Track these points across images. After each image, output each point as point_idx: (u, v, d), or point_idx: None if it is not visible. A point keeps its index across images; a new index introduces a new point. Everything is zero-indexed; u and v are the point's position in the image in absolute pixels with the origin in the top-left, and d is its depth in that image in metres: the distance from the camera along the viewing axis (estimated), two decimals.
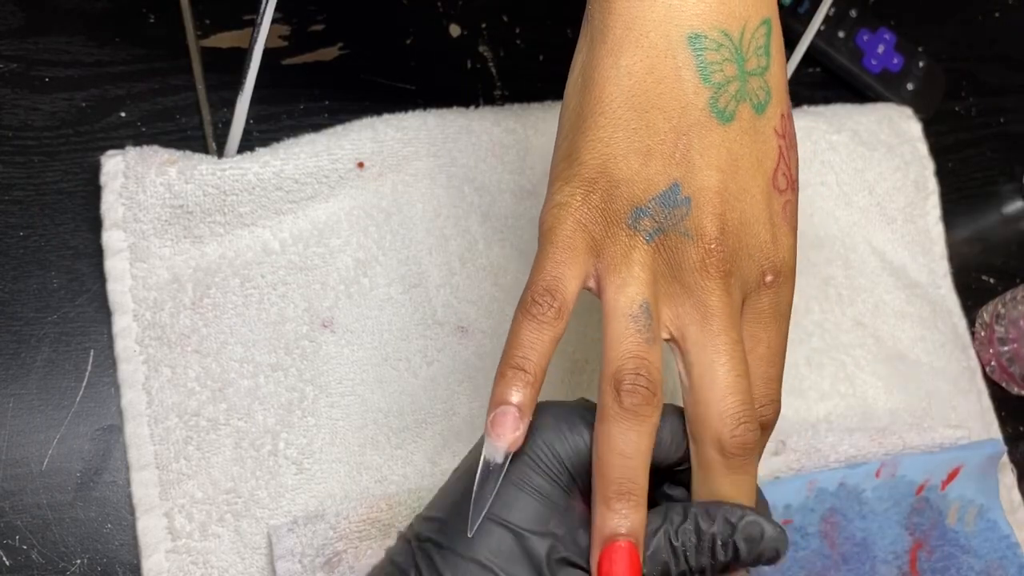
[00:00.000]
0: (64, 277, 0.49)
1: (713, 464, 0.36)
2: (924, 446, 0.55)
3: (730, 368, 0.36)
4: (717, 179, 0.36)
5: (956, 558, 0.54)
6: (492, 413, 0.35)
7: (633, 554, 0.35)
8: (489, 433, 0.35)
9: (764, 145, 0.37)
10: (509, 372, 0.35)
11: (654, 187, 0.36)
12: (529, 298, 0.36)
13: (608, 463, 0.35)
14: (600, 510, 0.35)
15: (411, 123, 0.55)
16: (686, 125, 0.36)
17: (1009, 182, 0.70)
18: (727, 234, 0.36)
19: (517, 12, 0.61)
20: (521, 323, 0.36)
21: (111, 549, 0.46)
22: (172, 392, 0.48)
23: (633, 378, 0.35)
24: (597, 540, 0.35)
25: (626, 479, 0.35)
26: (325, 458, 0.49)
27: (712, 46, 0.36)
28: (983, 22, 0.74)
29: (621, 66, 0.36)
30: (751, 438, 0.35)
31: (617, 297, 0.36)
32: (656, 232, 0.36)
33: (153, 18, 0.55)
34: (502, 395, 0.35)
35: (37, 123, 0.51)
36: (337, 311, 0.51)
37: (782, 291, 0.38)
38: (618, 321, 0.36)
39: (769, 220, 0.37)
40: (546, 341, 0.36)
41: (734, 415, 0.35)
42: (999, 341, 0.61)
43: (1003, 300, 0.62)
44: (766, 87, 0.37)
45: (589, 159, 0.36)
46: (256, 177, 0.51)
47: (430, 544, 0.35)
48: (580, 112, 0.37)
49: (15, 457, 0.46)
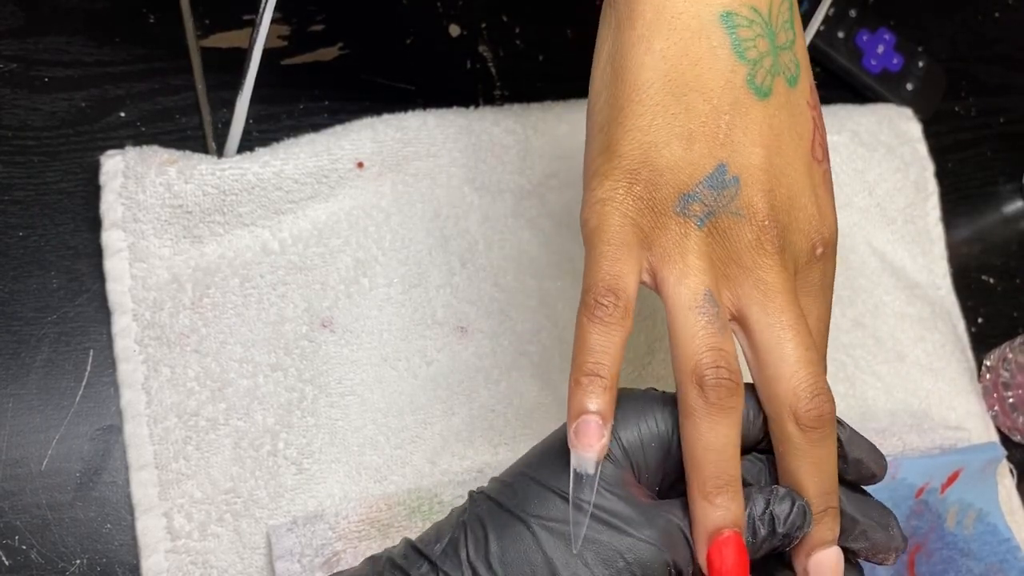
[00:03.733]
0: (64, 277, 0.49)
1: (792, 440, 0.35)
2: (924, 447, 0.55)
3: (798, 343, 0.35)
4: (762, 155, 0.36)
5: (955, 561, 0.54)
6: (574, 424, 0.34)
7: (740, 544, 0.34)
8: (575, 445, 0.34)
9: (800, 117, 0.37)
10: (584, 379, 0.34)
11: (700, 170, 0.35)
12: (592, 300, 0.35)
13: (703, 459, 0.35)
14: (700, 505, 0.35)
15: (411, 123, 0.55)
16: (726, 104, 0.35)
17: (1009, 182, 0.70)
18: (777, 210, 0.36)
19: (517, 12, 0.61)
20: (588, 328, 0.35)
21: (111, 549, 0.46)
22: (171, 392, 0.48)
23: (715, 371, 0.34)
24: (702, 535, 0.35)
25: (722, 472, 0.34)
26: (324, 458, 0.49)
27: (744, 23, 0.36)
28: (983, 22, 0.74)
29: (655, 51, 0.36)
30: (827, 409, 0.35)
31: (679, 290, 0.35)
32: (707, 216, 0.35)
33: (153, 18, 0.55)
34: (581, 404, 0.34)
35: (37, 123, 0.51)
36: (337, 311, 0.51)
37: (829, 262, 0.38)
38: (685, 315, 0.35)
39: (813, 192, 0.37)
40: (616, 343, 0.35)
41: (808, 387, 0.35)
42: (1003, 386, 0.61)
43: (1011, 345, 0.62)
44: (795, 60, 0.37)
45: (629, 150, 0.36)
46: (256, 177, 0.51)
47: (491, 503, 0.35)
48: (613, 103, 0.36)
49: (15, 457, 0.46)
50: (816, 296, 0.38)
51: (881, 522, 0.38)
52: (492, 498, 0.36)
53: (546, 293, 0.54)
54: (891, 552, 0.38)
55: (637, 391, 0.37)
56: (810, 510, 0.36)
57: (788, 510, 0.35)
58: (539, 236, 0.55)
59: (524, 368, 0.53)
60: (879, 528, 0.38)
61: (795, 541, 0.36)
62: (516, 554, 0.34)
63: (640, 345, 0.55)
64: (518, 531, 0.34)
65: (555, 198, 0.56)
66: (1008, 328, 0.66)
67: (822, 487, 0.36)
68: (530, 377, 0.53)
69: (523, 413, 0.52)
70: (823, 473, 0.36)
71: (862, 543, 0.37)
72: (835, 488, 0.36)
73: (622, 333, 0.35)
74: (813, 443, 0.35)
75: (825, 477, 0.36)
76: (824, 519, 0.36)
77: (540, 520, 0.34)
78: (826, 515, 0.36)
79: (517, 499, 0.35)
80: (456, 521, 0.36)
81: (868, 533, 0.37)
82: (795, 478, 0.36)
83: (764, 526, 0.35)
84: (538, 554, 0.34)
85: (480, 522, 0.35)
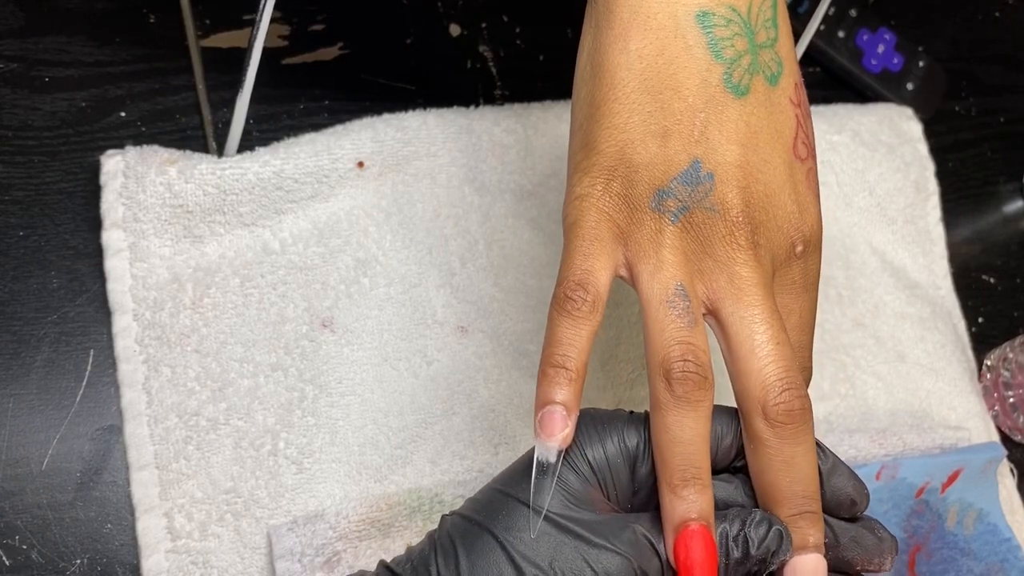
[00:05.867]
0: (64, 277, 0.49)
1: (761, 437, 0.35)
2: (924, 447, 0.55)
3: (769, 336, 0.35)
4: (737, 152, 0.36)
5: (955, 561, 0.54)
6: (539, 413, 0.35)
7: (707, 536, 0.34)
8: (539, 433, 0.35)
9: (781, 116, 0.37)
10: (551, 371, 0.35)
11: (675, 167, 0.36)
12: (562, 294, 0.36)
13: (669, 451, 0.35)
14: (668, 498, 0.35)
15: (411, 123, 0.55)
16: (701, 102, 0.36)
17: (1009, 182, 0.70)
18: (752, 206, 0.36)
19: (517, 12, 0.61)
20: (557, 320, 0.36)
21: (111, 549, 0.46)
22: (172, 392, 0.48)
23: (681, 365, 0.35)
24: (669, 528, 0.35)
25: (689, 464, 0.35)
26: (325, 458, 0.49)
27: (721, 22, 0.36)
28: (983, 22, 0.74)
29: (631, 50, 0.36)
30: (797, 404, 0.35)
31: (652, 284, 0.36)
32: (681, 211, 0.36)
33: (153, 18, 0.55)
34: (547, 395, 0.35)
35: (37, 123, 0.51)
36: (337, 311, 0.51)
37: (811, 260, 0.38)
38: (657, 308, 0.35)
39: (793, 190, 0.37)
40: (584, 336, 0.35)
41: (777, 381, 0.35)
42: (1004, 386, 0.61)
43: (1012, 344, 0.61)
44: (777, 58, 0.37)
45: (606, 147, 0.36)
46: (256, 177, 0.51)
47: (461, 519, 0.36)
48: (592, 101, 0.37)
49: (15, 457, 0.46)
50: (798, 294, 0.38)
51: (867, 527, 0.37)
52: (462, 515, 0.36)
53: (546, 293, 0.54)
54: (885, 555, 0.37)
55: (603, 410, 0.37)
56: (788, 534, 0.35)
57: (764, 534, 0.35)
58: (539, 236, 0.55)
59: (524, 368, 0.53)
60: (868, 533, 0.37)
61: (771, 566, 0.35)
62: (485, 566, 0.34)
63: (640, 345, 0.55)
64: (487, 544, 0.34)
65: (555, 198, 0.56)
66: (1008, 328, 0.66)
67: (795, 488, 0.35)
68: (530, 377, 0.53)
69: (523, 413, 0.52)
70: (796, 472, 0.35)
71: (854, 551, 0.37)
72: (813, 492, 0.36)
73: (589, 327, 0.35)
74: (783, 440, 0.35)
75: (799, 477, 0.35)
76: (799, 523, 0.35)
77: (508, 532, 0.34)
78: (801, 519, 0.35)
79: (485, 513, 0.35)
80: (428, 540, 0.36)
81: (858, 539, 0.37)
82: (766, 478, 0.35)
83: (738, 548, 0.35)
84: (508, 566, 0.34)
85: (450, 538, 0.35)
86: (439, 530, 0.36)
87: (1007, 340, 0.62)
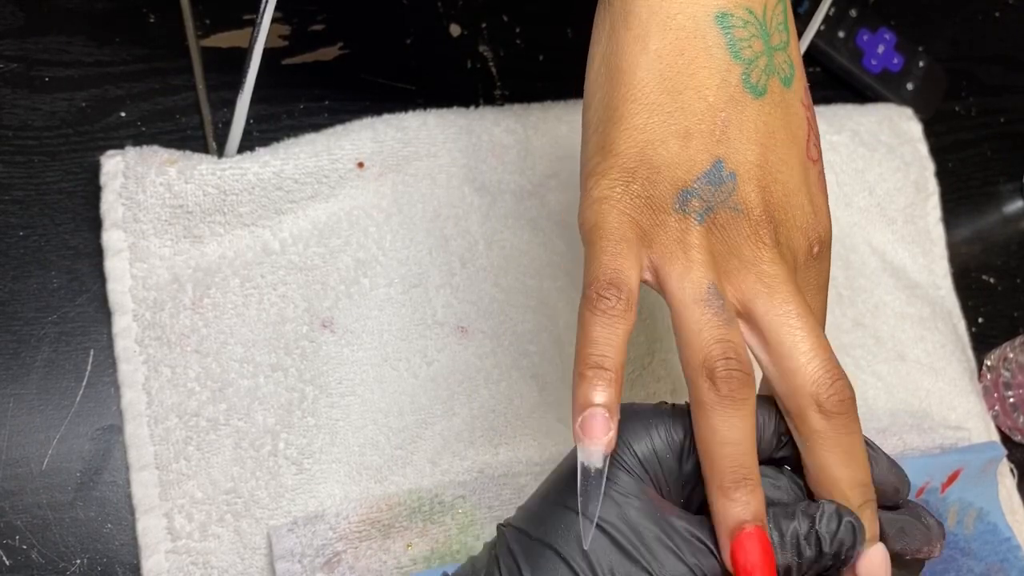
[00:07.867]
0: (64, 277, 0.49)
1: (819, 431, 0.35)
2: (924, 447, 0.55)
3: (807, 332, 0.35)
4: (758, 152, 0.36)
5: (955, 560, 0.54)
6: (580, 417, 0.34)
7: (763, 537, 0.34)
8: (581, 439, 0.34)
9: (795, 117, 0.37)
10: (589, 372, 0.34)
11: (697, 167, 0.35)
12: (594, 294, 0.34)
13: (719, 454, 0.34)
14: (720, 502, 0.34)
15: (411, 123, 0.55)
16: (722, 102, 0.36)
17: (1009, 182, 0.70)
18: (773, 206, 0.36)
19: (517, 12, 0.61)
20: (590, 320, 0.34)
21: (111, 549, 0.46)
22: (172, 392, 0.48)
23: (725, 363, 0.34)
24: (723, 532, 0.34)
25: (739, 466, 0.34)
26: (325, 458, 0.49)
27: (739, 23, 0.36)
28: (983, 22, 0.74)
29: (651, 51, 0.36)
30: (848, 393, 0.35)
31: (682, 285, 0.35)
32: (706, 211, 0.35)
33: (153, 18, 0.55)
34: (587, 397, 0.34)
35: (37, 123, 0.51)
36: (337, 311, 0.51)
37: (825, 262, 0.38)
38: (691, 309, 0.35)
39: (808, 191, 0.37)
40: (620, 335, 0.34)
41: (826, 374, 0.35)
42: (1004, 386, 0.61)
43: (1012, 344, 0.62)
44: (790, 61, 0.38)
45: (626, 148, 0.36)
46: (256, 177, 0.51)
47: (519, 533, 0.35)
48: (609, 103, 0.36)
49: (15, 457, 0.46)
50: (814, 295, 0.38)
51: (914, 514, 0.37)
52: (519, 528, 0.35)
53: (546, 293, 0.54)
54: (934, 543, 0.37)
55: (645, 405, 0.37)
56: (860, 526, 0.35)
57: (835, 528, 0.34)
58: (539, 236, 0.55)
59: (524, 368, 0.53)
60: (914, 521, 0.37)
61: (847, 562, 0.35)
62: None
63: (640, 345, 0.55)
64: (550, 560, 0.34)
65: (555, 198, 0.56)
66: (1008, 328, 0.66)
67: (857, 478, 0.35)
68: (530, 377, 0.53)
69: (523, 413, 0.52)
70: (856, 462, 0.35)
71: (903, 542, 0.37)
72: (869, 479, 0.35)
73: (625, 326, 0.34)
74: (840, 431, 0.35)
75: (858, 467, 0.35)
76: (865, 512, 0.35)
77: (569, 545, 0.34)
78: (866, 508, 0.35)
79: (544, 527, 0.35)
80: (488, 555, 0.36)
81: (906, 529, 0.37)
82: (828, 473, 0.35)
83: (810, 546, 0.34)
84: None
85: (511, 554, 0.35)
86: (498, 544, 0.36)
87: (1007, 340, 0.62)
